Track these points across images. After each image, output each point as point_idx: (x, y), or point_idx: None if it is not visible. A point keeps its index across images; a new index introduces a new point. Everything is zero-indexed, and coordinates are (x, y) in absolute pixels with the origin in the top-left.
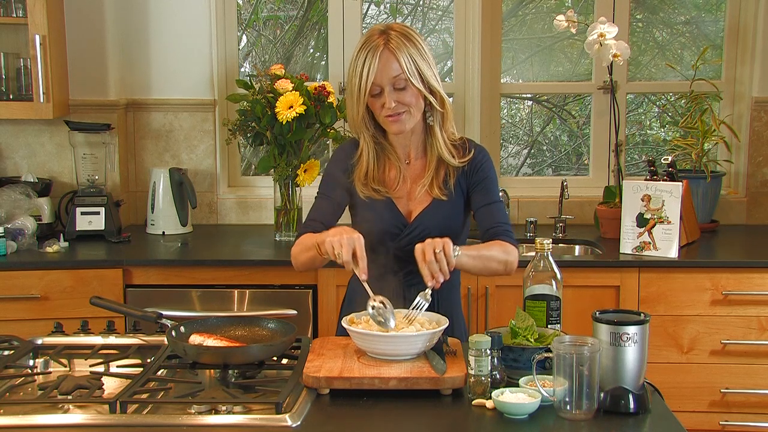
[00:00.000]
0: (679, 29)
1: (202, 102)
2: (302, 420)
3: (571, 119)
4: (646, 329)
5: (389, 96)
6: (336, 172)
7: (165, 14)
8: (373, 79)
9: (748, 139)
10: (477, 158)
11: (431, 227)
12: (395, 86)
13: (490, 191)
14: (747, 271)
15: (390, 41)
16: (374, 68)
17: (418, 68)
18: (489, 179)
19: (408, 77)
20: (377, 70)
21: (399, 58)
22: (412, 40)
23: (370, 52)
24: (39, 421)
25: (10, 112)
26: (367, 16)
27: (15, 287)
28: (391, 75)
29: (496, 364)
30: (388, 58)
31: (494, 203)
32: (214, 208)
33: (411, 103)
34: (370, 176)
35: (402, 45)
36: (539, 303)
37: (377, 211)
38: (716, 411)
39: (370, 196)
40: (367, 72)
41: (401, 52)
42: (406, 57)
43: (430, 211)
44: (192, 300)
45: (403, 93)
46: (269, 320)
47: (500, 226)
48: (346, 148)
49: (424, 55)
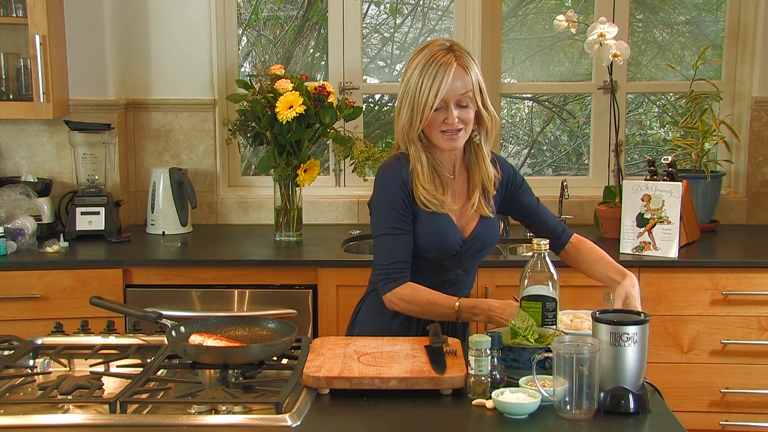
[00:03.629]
0: (679, 29)
1: (202, 102)
2: (302, 420)
3: (571, 119)
4: (646, 329)
5: (452, 113)
6: (395, 197)
7: (165, 14)
8: (442, 95)
9: (748, 139)
10: (508, 169)
11: (486, 244)
12: (459, 103)
13: (530, 193)
14: (747, 271)
15: (461, 58)
16: (446, 84)
17: (480, 87)
18: (525, 184)
19: (473, 95)
20: (449, 86)
21: (470, 76)
22: (474, 60)
23: (441, 68)
24: (39, 421)
25: (10, 112)
26: (367, 16)
27: (15, 287)
28: (460, 92)
29: (496, 364)
30: (460, 76)
31: (540, 204)
32: (214, 208)
33: (470, 121)
34: (428, 188)
35: (471, 63)
36: (535, 304)
37: (438, 226)
38: (716, 411)
39: (433, 210)
40: (437, 87)
41: (471, 70)
42: (475, 75)
43: (481, 228)
44: (192, 300)
45: (465, 110)
46: (269, 320)
47: (561, 224)
48: (394, 165)
49: (480, 75)
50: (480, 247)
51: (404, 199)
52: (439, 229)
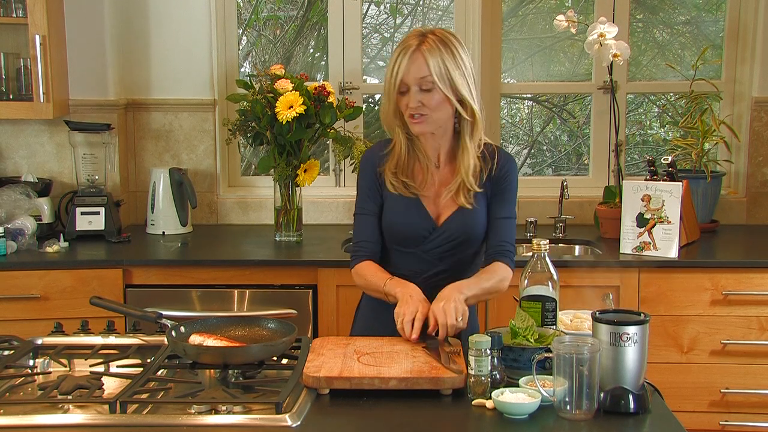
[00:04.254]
0: (679, 29)
1: (202, 102)
2: (302, 420)
3: (571, 119)
4: (646, 329)
5: (413, 96)
6: (365, 180)
7: (165, 14)
8: (401, 77)
9: (748, 139)
10: (505, 165)
11: (458, 233)
12: (421, 87)
13: (507, 204)
14: (747, 271)
15: (424, 43)
16: (404, 66)
17: (448, 74)
18: (510, 191)
19: (435, 80)
20: (406, 69)
21: (428, 61)
22: (449, 47)
23: (403, 51)
24: (39, 421)
25: (10, 112)
26: (367, 16)
27: (15, 287)
28: (418, 75)
29: (496, 364)
30: (417, 59)
31: (507, 219)
32: (214, 208)
33: (434, 107)
34: (400, 167)
35: (435, 49)
36: (535, 304)
37: (406, 210)
38: (716, 411)
39: (399, 191)
40: (397, 69)
41: (432, 55)
42: (438, 61)
43: (456, 217)
44: (192, 300)
45: (428, 95)
46: (269, 320)
47: (504, 245)
48: (373, 148)
49: (459, 64)
50: (454, 237)
51: (374, 182)
52: (405, 212)
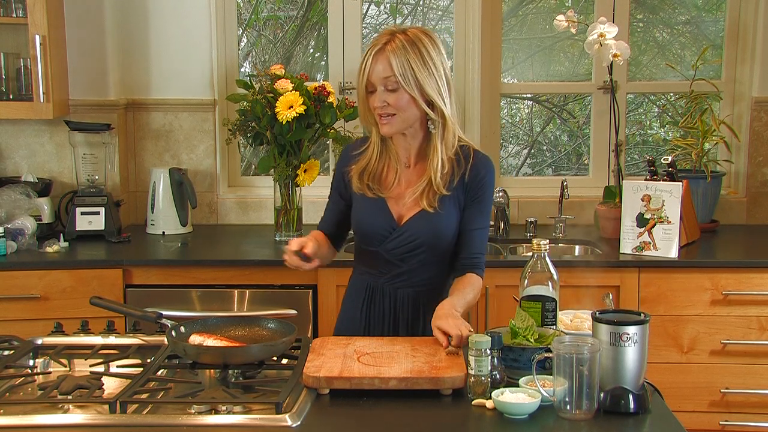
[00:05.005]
0: (679, 29)
1: (202, 102)
2: (302, 420)
3: (571, 119)
4: (646, 329)
5: (378, 96)
6: (337, 173)
7: (165, 14)
8: (367, 77)
9: (748, 139)
10: (480, 172)
11: (418, 235)
12: (387, 87)
13: (481, 215)
14: (747, 271)
15: (390, 43)
16: (369, 66)
17: (414, 75)
18: (485, 201)
19: (399, 80)
20: (371, 69)
21: (391, 61)
22: (417, 47)
23: (369, 51)
24: (39, 421)
25: (10, 112)
26: (367, 16)
27: (15, 287)
28: (382, 75)
29: (496, 364)
30: (381, 59)
31: (479, 230)
32: (214, 208)
33: (400, 107)
34: (368, 170)
35: (401, 49)
36: (535, 304)
37: (369, 209)
38: (716, 411)
39: (362, 192)
40: (363, 69)
41: (396, 55)
42: (402, 61)
43: (418, 219)
44: (192, 300)
45: (394, 96)
46: (269, 320)
47: (476, 257)
48: (351, 145)
49: (428, 64)
50: (414, 239)
51: (341, 180)
52: (368, 211)
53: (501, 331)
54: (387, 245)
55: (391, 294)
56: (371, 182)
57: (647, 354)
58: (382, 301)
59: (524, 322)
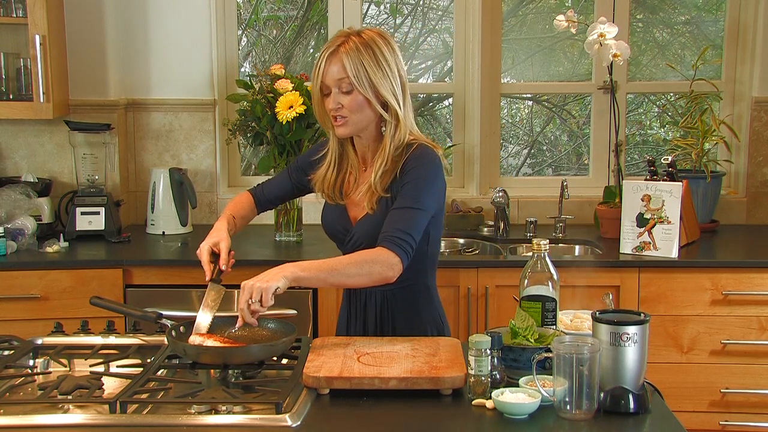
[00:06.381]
0: (679, 29)
1: (202, 102)
2: (302, 420)
3: (571, 119)
4: (646, 329)
5: (333, 98)
6: (305, 160)
7: (165, 14)
8: (321, 79)
9: (748, 139)
10: (409, 163)
11: (363, 237)
12: (341, 89)
13: (406, 196)
14: (747, 271)
15: (344, 45)
16: (322, 68)
17: (368, 76)
18: (411, 183)
19: (353, 82)
20: (324, 71)
21: (344, 63)
22: (371, 49)
23: (324, 52)
24: (39, 421)
25: (10, 112)
26: (367, 16)
27: (15, 287)
28: (335, 77)
29: (496, 364)
30: (334, 61)
31: (403, 209)
32: (214, 208)
33: (353, 109)
34: (327, 180)
35: (354, 51)
36: (534, 304)
37: (330, 213)
38: (716, 411)
39: (325, 199)
40: (318, 71)
41: (349, 57)
42: (355, 63)
43: (364, 221)
44: (192, 300)
45: (348, 97)
46: (269, 320)
47: (394, 232)
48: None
49: (382, 65)
50: (362, 240)
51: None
52: (329, 216)
53: (501, 331)
54: (346, 247)
55: (361, 294)
56: (331, 192)
57: (647, 354)
58: (357, 301)
59: (524, 322)
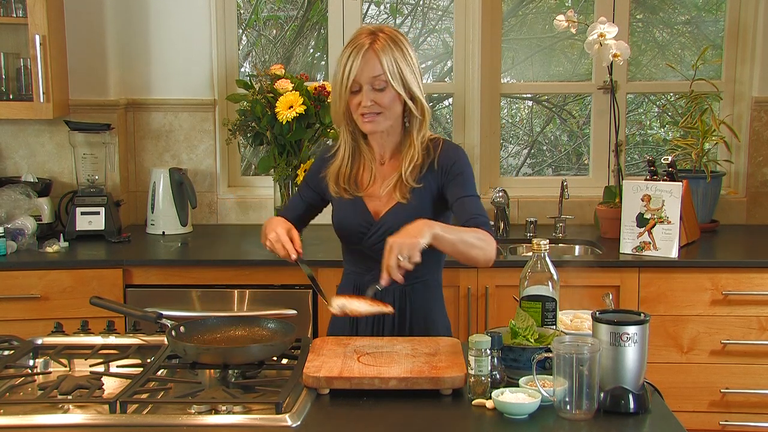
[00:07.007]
0: (679, 29)
1: (202, 102)
2: (302, 420)
3: (571, 119)
4: (646, 329)
5: (366, 95)
6: (312, 172)
7: (165, 14)
8: (354, 77)
9: (748, 139)
10: (449, 157)
11: (395, 227)
12: (374, 86)
13: (465, 186)
14: (747, 271)
15: (376, 42)
16: (356, 66)
17: (400, 72)
18: (463, 175)
19: (388, 79)
20: (359, 68)
21: (381, 59)
22: (399, 45)
23: (355, 50)
24: (39, 421)
25: (10, 112)
26: (367, 16)
27: (15, 287)
28: (371, 74)
29: (496, 364)
30: (370, 58)
31: (470, 196)
32: (214, 208)
33: (387, 106)
34: (342, 174)
35: (387, 47)
36: (534, 304)
37: (346, 209)
38: (716, 411)
39: (339, 195)
40: (349, 68)
41: (385, 53)
42: (390, 59)
43: (393, 212)
44: (192, 300)
45: (381, 94)
46: (269, 320)
47: (477, 217)
48: (326, 148)
49: (409, 62)
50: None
51: (314, 176)
52: (346, 210)
53: (501, 331)
54: (367, 242)
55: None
56: (347, 185)
57: (647, 354)
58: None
59: (524, 322)
